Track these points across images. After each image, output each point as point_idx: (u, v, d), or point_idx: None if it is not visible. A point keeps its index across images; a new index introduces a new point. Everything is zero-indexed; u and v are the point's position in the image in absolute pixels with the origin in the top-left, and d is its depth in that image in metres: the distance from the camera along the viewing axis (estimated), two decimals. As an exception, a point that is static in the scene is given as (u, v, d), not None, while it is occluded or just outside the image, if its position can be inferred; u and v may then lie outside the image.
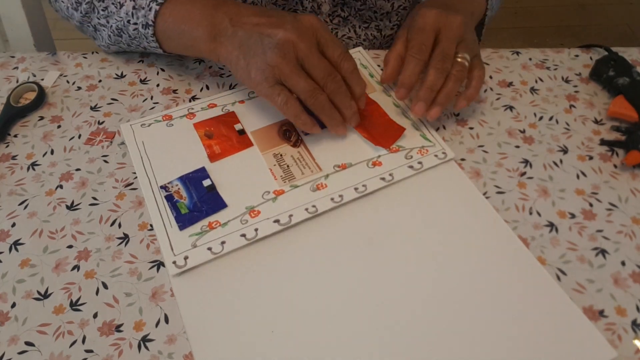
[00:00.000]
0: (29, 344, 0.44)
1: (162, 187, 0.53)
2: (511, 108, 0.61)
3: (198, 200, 0.52)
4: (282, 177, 0.54)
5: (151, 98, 0.62)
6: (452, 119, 0.60)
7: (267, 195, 0.52)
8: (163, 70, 0.65)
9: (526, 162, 0.56)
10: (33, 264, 0.48)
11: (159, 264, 0.48)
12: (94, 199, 0.53)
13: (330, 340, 0.43)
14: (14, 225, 0.51)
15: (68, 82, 0.64)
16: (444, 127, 0.59)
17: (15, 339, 0.44)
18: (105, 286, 0.47)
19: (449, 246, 0.49)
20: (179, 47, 0.59)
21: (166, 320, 0.45)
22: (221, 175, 0.54)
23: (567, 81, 0.64)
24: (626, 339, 0.44)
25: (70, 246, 0.49)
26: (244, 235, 0.49)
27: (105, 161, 0.56)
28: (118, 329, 0.45)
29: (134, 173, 0.55)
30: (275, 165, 0.55)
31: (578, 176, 0.55)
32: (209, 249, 0.48)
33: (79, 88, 0.64)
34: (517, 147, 0.57)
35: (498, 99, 0.62)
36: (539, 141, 0.58)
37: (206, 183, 0.53)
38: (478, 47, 0.60)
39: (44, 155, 0.57)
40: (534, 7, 2.08)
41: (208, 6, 0.56)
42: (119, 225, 0.51)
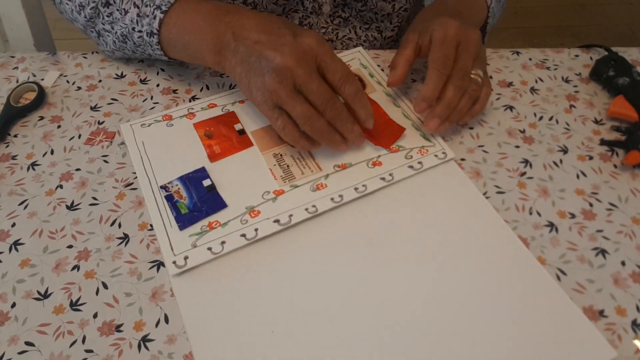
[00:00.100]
0: (29, 344, 0.44)
1: (162, 187, 0.53)
2: (511, 108, 0.61)
3: (198, 200, 0.52)
4: (282, 177, 0.54)
5: (151, 98, 0.62)
6: (452, 119, 0.60)
7: (267, 195, 0.52)
8: (163, 70, 0.65)
9: (526, 162, 0.56)
10: (33, 264, 0.48)
11: (159, 264, 0.48)
12: (94, 199, 0.53)
13: (330, 340, 0.43)
14: (14, 225, 0.51)
15: (68, 82, 0.64)
16: (444, 127, 0.59)
17: (15, 339, 0.44)
18: (105, 286, 0.47)
19: (449, 246, 0.49)
20: (184, 57, 0.59)
21: (166, 320, 0.45)
22: (221, 175, 0.54)
23: (567, 81, 0.64)
24: (626, 339, 0.44)
25: (70, 246, 0.49)
26: (244, 235, 0.49)
27: (105, 161, 0.56)
28: (118, 329, 0.45)
29: (134, 173, 0.55)
30: (275, 165, 0.55)
31: (578, 176, 0.55)
32: (209, 249, 0.48)
33: (79, 88, 0.64)
34: (517, 147, 0.57)
35: (498, 99, 0.62)
36: (539, 141, 0.58)
37: (206, 183, 0.53)
38: (486, 63, 0.60)
39: (44, 155, 0.57)
40: (534, 7, 2.08)
41: (212, 15, 0.56)
42: (119, 225, 0.51)
